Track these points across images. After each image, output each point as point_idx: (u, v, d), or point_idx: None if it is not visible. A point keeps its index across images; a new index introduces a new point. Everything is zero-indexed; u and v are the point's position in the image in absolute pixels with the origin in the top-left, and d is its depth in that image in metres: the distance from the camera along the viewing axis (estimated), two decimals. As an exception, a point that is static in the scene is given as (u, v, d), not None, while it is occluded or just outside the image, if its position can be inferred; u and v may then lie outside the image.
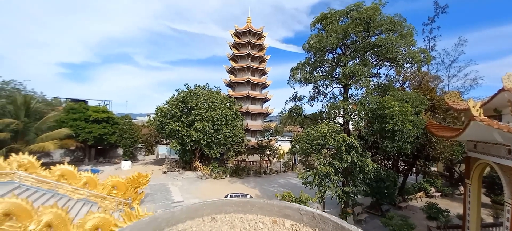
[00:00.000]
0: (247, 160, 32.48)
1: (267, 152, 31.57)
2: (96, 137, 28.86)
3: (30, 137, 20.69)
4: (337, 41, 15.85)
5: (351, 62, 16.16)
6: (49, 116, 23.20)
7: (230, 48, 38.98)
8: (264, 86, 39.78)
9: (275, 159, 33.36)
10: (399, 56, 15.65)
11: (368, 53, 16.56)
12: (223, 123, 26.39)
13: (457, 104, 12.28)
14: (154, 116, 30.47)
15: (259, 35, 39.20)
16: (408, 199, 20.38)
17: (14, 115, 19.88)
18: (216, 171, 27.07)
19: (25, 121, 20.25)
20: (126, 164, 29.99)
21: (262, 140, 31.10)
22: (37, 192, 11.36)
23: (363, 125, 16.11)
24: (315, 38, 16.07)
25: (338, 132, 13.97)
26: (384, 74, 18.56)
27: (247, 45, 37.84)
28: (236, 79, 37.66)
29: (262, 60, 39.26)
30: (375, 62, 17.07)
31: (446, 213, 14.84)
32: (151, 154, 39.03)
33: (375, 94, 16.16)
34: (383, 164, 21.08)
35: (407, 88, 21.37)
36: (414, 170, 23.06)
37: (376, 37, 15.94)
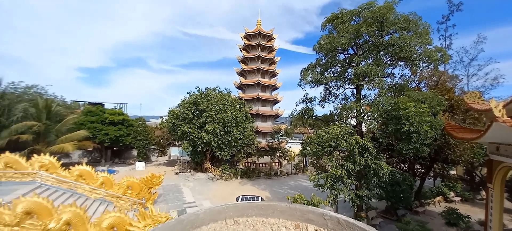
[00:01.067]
0: (257, 161, 32.45)
1: (278, 154, 31.41)
2: (112, 138, 29.91)
3: (51, 139, 21.73)
4: (349, 41, 15.56)
5: (363, 62, 15.80)
6: (68, 119, 24.29)
7: (240, 50, 39.27)
8: (274, 88, 39.71)
9: (285, 161, 33.11)
10: (414, 55, 15.12)
11: (382, 53, 16.13)
12: (234, 124, 26.54)
13: (478, 105, 11.67)
14: (166, 118, 31.19)
15: (269, 37, 39.25)
16: (425, 204, 19.56)
17: (36, 118, 20.97)
18: (227, 172, 27.22)
19: (46, 123, 21.30)
20: (140, 165, 30.81)
21: (272, 142, 31.00)
22: (57, 191, 11.88)
23: (376, 126, 15.68)
24: (326, 38, 15.86)
25: (351, 134, 13.67)
26: (398, 74, 17.99)
27: (257, 47, 37.98)
28: (246, 81, 37.84)
29: (272, 62, 39.25)
30: (388, 62, 16.60)
31: (466, 219, 14.10)
32: (164, 155, 39.85)
33: (389, 94, 15.69)
34: (398, 166, 20.38)
35: (424, 89, 20.60)
36: (431, 173, 22.13)
37: (389, 36, 15.50)
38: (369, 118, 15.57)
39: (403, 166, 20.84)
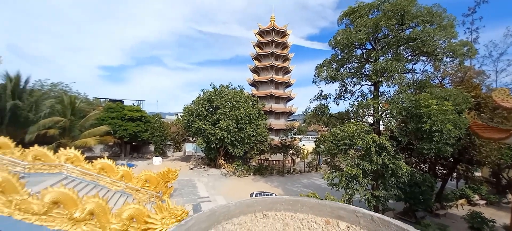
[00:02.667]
0: (270, 159, 32.44)
1: (291, 152, 31.19)
2: (131, 134, 31.16)
3: (75, 133, 23.01)
4: (367, 36, 15.01)
5: (382, 58, 15.19)
6: (91, 115, 25.57)
7: (254, 47, 39.20)
8: (287, 85, 39.34)
9: (298, 158, 32.82)
10: (438, 50, 14.33)
11: (402, 47, 15.43)
12: (247, 121, 26.66)
13: (507, 103, 10.85)
14: (181, 114, 31.94)
15: (283, 33, 38.81)
16: (447, 206, 18.62)
17: (62, 114, 22.26)
18: (240, 169, 27.47)
19: (71, 119, 22.56)
20: (157, 160, 31.88)
21: (285, 139, 30.81)
22: (81, 183, 12.58)
23: (395, 124, 15.08)
24: (342, 33, 15.41)
25: (368, 132, 13.24)
26: (420, 70, 17.18)
27: (271, 44, 37.72)
28: (260, 79, 37.77)
29: (285, 58, 38.84)
30: (409, 57, 15.86)
31: (491, 223, 13.28)
32: (179, 151, 40.94)
33: (410, 91, 15.03)
34: (418, 167, 19.52)
35: (447, 85, 19.49)
36: (454, 174, 21.01)
37: (411, 30, 14.78)
38: (387, 115, 15.02)
39: (423, 166, 19.94)
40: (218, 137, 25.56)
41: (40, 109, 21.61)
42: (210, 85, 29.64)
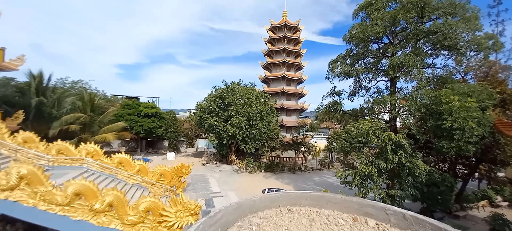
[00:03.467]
0: (281, 156, 32.34)
1: (302, 149, 30.92)
2: (146, 130, 32.16)
3: (95, 129, 24.04)
4: (384, 29, 14.44)
5: (400, 52, 14.59)
6: (109, 111, 26.60)
7: (266, 43, 38.97)
8: (299, 81, 38.86)
9: (310, 156, 32.49)
10: (461, 43, 13.55)
11: (421, 41, 14.75)
12: (258, 118, 26.67)
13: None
14: (194, 111, 32.48)
15: (295, 29, 38.25)
16: (467, 208, 17.77)
17: (82, 110, 23.30)
18: (251, 165, 27.61)
19: (91, 115, 23.57)
20: (171, 155, 32.72)
21: (297, 136, 30.57)
22: (100, 176, 13.16)
23: (413, 122, 14.49)
24: (358, 27, 14.92)
25: (383, 129, 12.84)
26: (440, 64, 16.39)
27: (283, 40, 37.31)
28: (271, 75, 37.56)
29: (298, 54, 38.32)
30: (429, 51, 15.13)
31: (514, 225, 12.50)
32: (192, 147, 41.75)
33: (430, 87, 14.35)
34: (437, 166, 18.71)
35: (470, 80, 18.45)
36: (476, 175, 19.96)
37: (431, 22, 14.07)
38: (405, 112, 14.46)
39: (442, 165, 19.09)
40: (230, 134, 25.78)
41: (62, 106, 22.73)
42: (222, 82, 29.89)
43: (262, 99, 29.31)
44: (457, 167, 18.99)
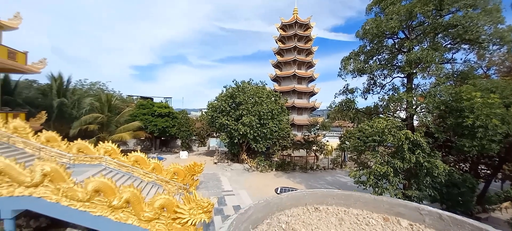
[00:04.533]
0: (292, 155, 32.10)
1: (314, 148, 30.53)
2: (160, 129, 32.99)
3: (112, 128, 24.95)
4: (400, 24, 13.93)
5: (417, 47, 14.02)
6: (125, 111, 27.52)
7: (276, 42, 38.76)
8: (311, 79, 38.36)
9: (322, 155, 32.02)
10: (483, 37, 12.85)
11: (440, 35, 14.11)
12: (269, 117, 26.61)
13: None
14: (205, 110, 32.90)
15: (306, 26, 37.74)
16: (489, 210, 16.83)
17: (100, 110, 24.25)
18: (262, 164, 27.61)
19: (108, 115, 24.48)
20: (183, 154, 33.39)
21: (308, 135, 30.21)
22: (118, 174, 13.66)
23: (431, 120, 13.91)
24: (371, 23, 14.49)
25: (400, 128, 12.41)
26: (461, 59, 15.67)
27: (293, 37, 36.95)
28: (282, 74, 37.32)
29: (309, 52, 37.82)
30: (449, 46, 14.45)
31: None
32: (204, 146, 42.35)
33: (449, 83, 13.73)
34: (457, 166, 17.88)
35: (493, 76, 17.47)
36: (499, 175, 18.87)
37: (451, 15, 13.41)
38: (422, 110, 13.90)
39: (463, 165, 18.21)
40: (241, 133, 25.90)
41: (82, 106, 23.78)
42: (233, 81, 30.05)
43: (273, 98, 29.20)
44: (479, 167, 18.05)
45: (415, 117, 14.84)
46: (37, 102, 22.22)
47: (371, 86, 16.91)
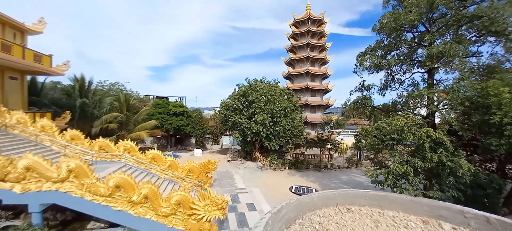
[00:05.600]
0: (306, 153, 31.75)
1: (328, 146, 29.98)
2: (175, 127, 33.84)
3: (130, 127, 25.93)
4: (420, 16, 13.29)
5: (439, 41, 13.32)
6: (142, 110, 28.49)
7: (288, 39, 38.34)
8: (324, 76, 37.62)
9: (336, 153, 31.38)
10: (510, 29, 11.97)
11: (464, 27, 13.29)
12: (282, 115, 26.46)
13: None
14: (219, 109, 33.29)
15: (319, 22, 37.01)
16: (519, 213, 15.72)
17: (119, 110, 25.26)
18: (275, 162, 27.55)
19: (126, 114, 25.46)
20: (197, 152, 34.05)
21: (322, 133, 29.71)
22: (136, 171, 14.19)
23: (455, 117, 13.19)
24: (389, 16, 13.93)
25: (420, 125, 11.87)
26: (487, 52, 14.64)
27: (306, 34, 36.37)
28: (295, 71, 36.91)
29: (322, 48, 37.10)
30: (474, 38, 13.59)
31: None
32: (217, 144, 42.92)
33: (474, 78, 12.92)
34: (483, 166, 16.84)
35: (524, 69, 16.18)
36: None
37: (475, 6, 12.60)
38: (445, 106, 13.21)
39: (489, 165, 17.13)
40: (254, 131, 25.97)
41: (102, 106, 24.88)
42: (245, 80, 30.15)
43: (285, 96, 28.99)
44: (507, 167, 16.89)
45: (437, 114, 14.12)
46: (61, 102, 23.53)
47: (388, 82, 16.29)
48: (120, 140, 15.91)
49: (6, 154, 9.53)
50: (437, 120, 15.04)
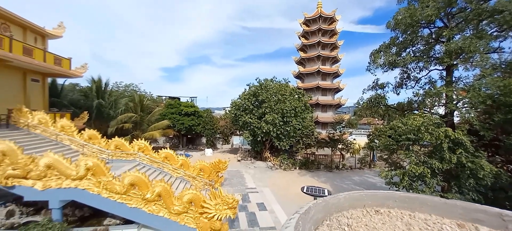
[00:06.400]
0: (316, 153, 31.34)
1: (339, 146, 29.44)
2: (187, 127, 34.44)
3: (144, 127, 26.64)
4: (437, 11, 12.74)
5: (458, 36, 12.72)
6: (155, 111, 29.20)
7: (299, 38, 38.01)
8: (336, 75, 36.99)
9: (348, 154, 30.75)
10: None
11: (484, 22, 12.61)
12: (292, 115, 26.26)
13: None
14: (229, 109, 33.52)
15: (331, 20, 36.41)
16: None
17: (134, 110, 26.01)
18: (286, 162, 27.38)
19: (140, 114, 26.18)
20: (208, 151, 34.47)
21: (333, 133, 29.23)
22: (150, 169, 14.55)
23: (476, 116, 12.56)
24: (404, 12, 13.45)
25: (438, 125, 11.39)
26: (509, 48, 13.89)
27: (317, 32, 35.89)
28: (305, 70, 36.52)
29: (334, 47, 36.47)
30: (495, 33, 12.86)
31: None
32: (227, 144, 43.26)
33: (497, 75, 12.22)
34: (505, 167, 15.90)
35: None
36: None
37: (496, 0, 11.93)
38: (465, 105, 12.59)
39: (513, 167, 16.15)
40: (264, 130, 25.94)
41: (118, 107, 25.72)
42: (256, 79, 30.17)
43: (296, 96, 28.75)
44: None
45: (456, 113, 13.50)
46: (80, 103, 24.53)
47: (404, 80, 15.73)
48: (134, 139, 16.36)
49: (28, 153, 10.04)
50: (456, 119, 14.37)
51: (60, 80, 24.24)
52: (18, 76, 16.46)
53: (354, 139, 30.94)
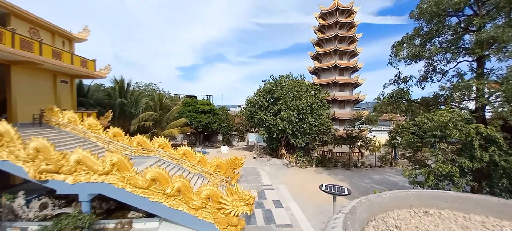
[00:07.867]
0: (334, 150, 30.60)
1: (358, 143, 28.49)
2: (203, 125, 35.21)
3: (163, 125, 27.66)
4: (466, -2, 11.78)
5: (490, 25, 11.69)
6: (173, 109, 30.17)
7: (315, 32, 37.13)
8: (354, 70, 35.74)
9: (367, 151, 29.67)
10: None
11: (519, 8, 11.44)
12: (308, 111, 25.81)
13: None
14: (244, 106, 33.71)
15: (349, 12, 35.13)
16: None
17: (153, 109, 27.05)
18: (302, 159, 27.03)
19: (160, 113, 27.19)
20: (224, 148, 34.99)
21: (351, 130, 28.31)
22: (169, 165, 15.08)
23: (510, 110, 11.51)
24: (429, 0, 12.59)
25: (468, 121, 10.60)
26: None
27: (334, 26, 34.82)
28: (321, 66, 35.66)
29: (352, 40, 35.21)
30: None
31: None
32: (243, 141, 43.58)
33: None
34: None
35: None
36: None
37: None
38: (498, 99, 11.58)
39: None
40: (280, 128, 25.77)
41: (139, 105, 26.89)
42: (270, 76, 29.97)
43: (312, 92, 28.20)
44: None
45: (487, 107, 12.46)
46: (104, 102, 25.95)
47: (429, 73, 14.74)
48: (154, 137, 17.01)
49: (59, 149, 10.80)
50: (488, 115, 13.26)
51: (86, 81, 25.78)
52: (48, 78, 17.72)
53: (374, 136, 29.73)
